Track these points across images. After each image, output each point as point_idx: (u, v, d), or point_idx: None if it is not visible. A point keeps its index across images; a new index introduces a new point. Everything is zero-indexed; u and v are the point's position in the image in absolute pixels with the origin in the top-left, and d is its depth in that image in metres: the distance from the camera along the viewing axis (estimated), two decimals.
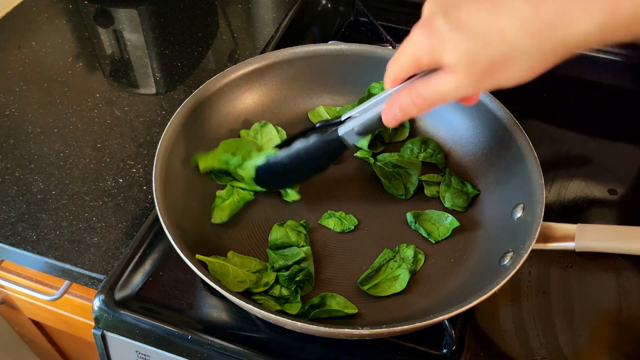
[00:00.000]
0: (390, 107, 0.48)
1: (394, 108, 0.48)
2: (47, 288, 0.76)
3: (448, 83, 0.42)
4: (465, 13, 0.39)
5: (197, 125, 0.64)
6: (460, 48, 0.40)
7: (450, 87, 0.42)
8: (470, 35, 0.39)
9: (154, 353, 0.56)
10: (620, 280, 0.59)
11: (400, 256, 0.58)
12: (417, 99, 0.45)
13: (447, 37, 0.40)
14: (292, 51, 0.69)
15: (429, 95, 0.44)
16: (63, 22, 0.90)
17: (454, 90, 0.43)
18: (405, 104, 0.46)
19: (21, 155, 0.71)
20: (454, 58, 0.40)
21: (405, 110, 0.47)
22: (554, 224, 0.54)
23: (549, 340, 0.55)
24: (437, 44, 0.41)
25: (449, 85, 0.42)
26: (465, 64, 0.40)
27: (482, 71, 0.40)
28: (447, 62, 0.41)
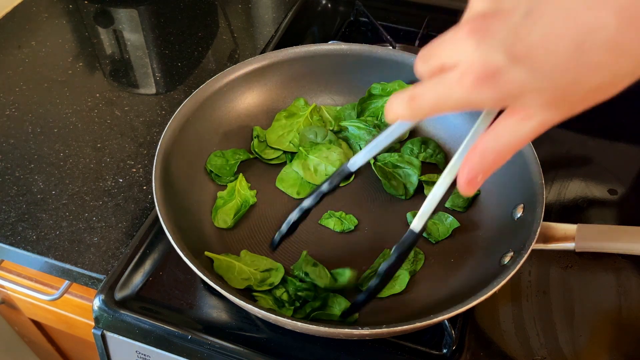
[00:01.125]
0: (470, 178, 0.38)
1: (476, 178, 0.38)
2: (47, 288, 0.76)
3: (531, 125, 0.33)
4: (539, 46, 0.29)
5: (197, 125, 0.63)
6: (546, 91, 0.30)
7: (534, 128, 0.33)
8: (555, 74, 0.29)
9: (154, 353, 0.56)
10: (620, 280, 0.59)
11: None
12: (497, 156, 0.37)
13: (523, 83, 0.30)
14: (292, 51, 0.69)
15: (509, 147, 0.36)
16: (63, 22, 0.90)
17: (540, 129, 0.33)
18: (486, 167, 0.38)
19: (21, 155, 0.71)
20: (539, 102, 0.31)
21: (488, 171, 0.38)
22: (554, 224, 0.54)
23: (549, 340, 0.55)
24: (508, 92, 0.31)
25: (533, 126, 0.33)
26: (554, 103, 0.31)
27: (575, 103, 0.32)
28: (527, 106, 0.32)
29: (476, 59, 0.31)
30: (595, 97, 0.31)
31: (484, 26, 0.31)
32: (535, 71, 0.30)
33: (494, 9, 0.31)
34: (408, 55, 0.68)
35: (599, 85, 0.30)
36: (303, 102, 0.70)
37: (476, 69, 0.31)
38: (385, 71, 0.69)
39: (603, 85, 0.30)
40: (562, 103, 0.31)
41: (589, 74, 0.29)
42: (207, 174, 0.64)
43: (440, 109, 0.35)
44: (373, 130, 0.67)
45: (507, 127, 0.34)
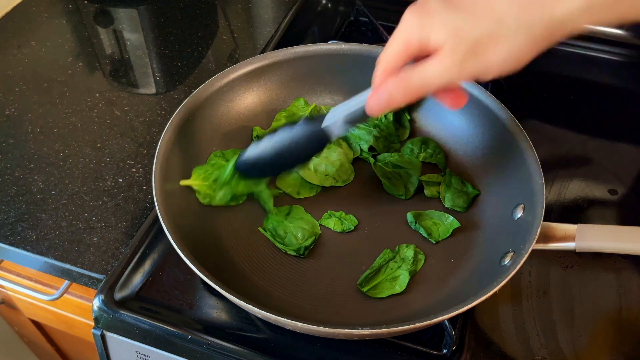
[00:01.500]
0: (375, 95, 0.46)
1: (381, 97, 0.46)
2: (47, 288, 0.76)
3: (434, 67, 0.42)
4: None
5: (197, 125, 0.63)
6: (449, 23, 0.40)
7: (436, 71, 0.42)
8: (459, 10, 0.39)
9: (153, 353, 0.56)
10: (620, 280, 0.59)
11: (400, 257, 0.58)
12: (403, 85, 0.44)
13: (437, 14, 0.40)
14: (292, 51, 0.69)
15: (415, 81, 0.43)
16: (63, 22, 0.90)
17: (439, 74, 0.42)
18: (391, 91, 0.45)
19: (21, 155, 0.71)
20: (442, 34, 0.40)
21: (393, 97, 0.45)
22: (554, 224, 0.54)
23: (549, 340, 0.55)
24: (427, 22, 0.41)
25: (435, 69, 0.42)
26: (452, 40, 0.40)
27: (468, 49, 0.40)
28: (434, 39, 0.41)
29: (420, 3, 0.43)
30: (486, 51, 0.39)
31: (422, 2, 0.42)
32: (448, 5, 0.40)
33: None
34: None
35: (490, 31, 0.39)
36: (303, 102, 0.70)
37: (413, 5, 0.43)
38: None
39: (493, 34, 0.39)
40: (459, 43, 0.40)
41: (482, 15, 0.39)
42: None
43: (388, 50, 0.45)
44: (373, 131, 0.67)
45: (422, 66, 0.42)
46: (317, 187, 0.64)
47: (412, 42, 0.42)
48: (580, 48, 0.86)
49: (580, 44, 0.86)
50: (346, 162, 0.65)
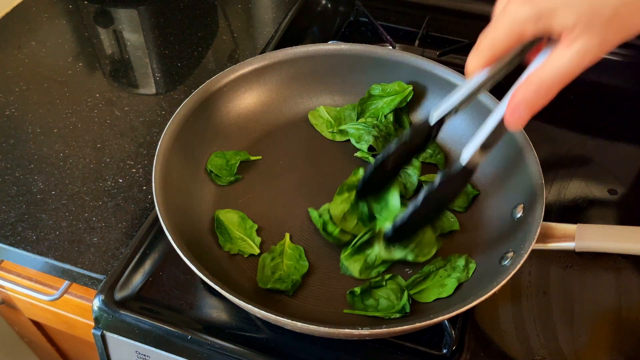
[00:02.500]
0: (514, 110, 0.41)
1: (519, 109, 0.41)
2: (47, 288, 0.76)
3: (570, 53, 0.37)
4: None
5: (197, 125, 0.63)
6: (575, 4, 0.35)
7: (575, 56, 0.37)
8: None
9: (154, 353, 0.56)
10: (620, 280, 0.59)
11: (452, 265, 0.57)
12: (542, 87, 0.39)
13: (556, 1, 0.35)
14: (292, 51, 0.69)
15: (554, 76, 0.38)
16: (63, 22, 0.90)
17: (580, 58, 0.37)
18: (530, 98, 0.40)
19: (21, 155, 0.71)
20: (571, 17, 0.35)
21: (532, 105, 0.40)
22: (554, 224, 0.54)
23: (549, 340, 0.55)
24: (544, 8, 0.36)
25: (573, 54, 0.37)
26: (585, 21, 0.35)
27: (607, 24, 0.35)
28: (561, 25, 0.36)
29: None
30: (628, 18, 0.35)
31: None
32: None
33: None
34: (408, 55, 0.68)
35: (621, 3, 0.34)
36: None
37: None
38: (385, 71, 0.69)
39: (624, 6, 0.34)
40: (594, 20, 0.35)
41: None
42: (207, 174, 0.64)
43: (495, 40, 0.40)
44: (373, 131, 0.67)
45: (552, 57, 0.38)
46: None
47: (528, 32, 0.38)
48: None
49: None
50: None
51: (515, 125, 0.42)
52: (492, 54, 0.41)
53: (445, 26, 0.88)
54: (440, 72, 0.67)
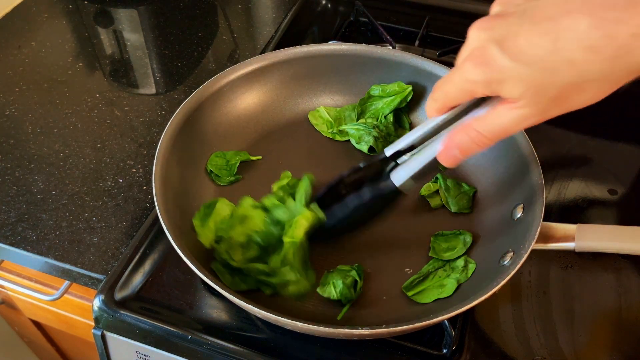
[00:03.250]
0: (447, 150, 0.45)
1: (453, 150, 0.45)
2: (47, 288, 0.76)
3: (510, 116, 0.39)
4: (524, 41, 0.36)
5: (197, 125, 0.63)
6: (524, 80, 0.36)
7: (514, 119, 0.39)
8: (533, 66, 0.36)
9: (154, 353, 0.56)
10: (620, 280, 0.59)
11: (450, 266, 0.57)
12: (477, 137, 0.42)
13: (506, 69, 0.37)
14: (292, 51, 0.69)
15: (491, 131, 0.41)
16: (63, 22, 0.90)
17: (517, 122, 0.39)
18: (464, 144, 0.43)
19: (21, 155, 0.71)
20: (517, 91, 0.37)
21: (466, 149, 0.44)
22: (554, 224, 0.54)
23: (549, 340, 0.55)
24: (495, 77, 0.37)
25: (512, 117, 0.39)
26: (530, 95, 0.37)
27: (550, 101, 0.37)
28: (509, 94, 0.38)
29: (476, 48, 0.38)
30: (570, 99, 0.38)
31: (488, 23, 0.38)
32: (518, 60, 0.36)
33: (502, 12, 0.39)
34: (408, 55, 0.68)
35: (571, 82, 0.36)
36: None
37: (473, 55, 0.38)
38: (385, 71, 0.69)
39: (575, 84, 0.36)
40: (539, 96, 0.37)
41: (562, 69, 0.35)
42: (207, 174, 0.64)
43: (448, 93, 0.43)
44: (373, 131, 0.67)
45: (494, 113, 0.40)
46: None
47: (477, 94, 0.40)
48: None
49: None
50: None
51: (449, 164, 0.46)
52: (444, 104, 0.44)
53: (445, 26, 0.88)
54: (440, 72, 0.67)
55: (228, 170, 0.64)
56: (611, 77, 0.36)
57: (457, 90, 0.41)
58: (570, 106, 0.39)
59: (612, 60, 0.34)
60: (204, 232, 0.57)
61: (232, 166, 0.65)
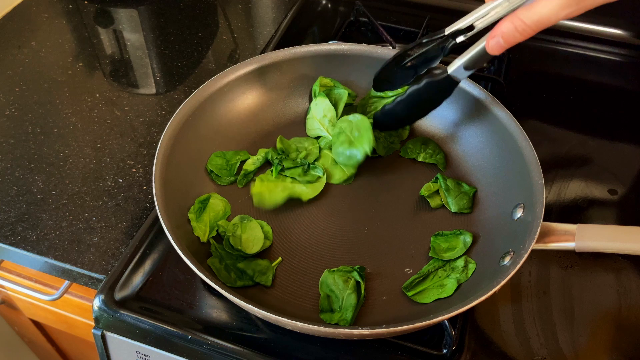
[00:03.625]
0: (493, 37, 0.50)
1: (497, 37, 0.49)
2: (47, 288, 0.76)
3: (551, 5, 0.44)
4: None
5: (197, 125, 0.63)
6: None
7: (553, 8, 0.44)
8: None
9: (154, 353, 0.56)
10: (620, 280, 0.59)
11: (450, 266, 0.57)
12: (520, 25, 0.47)
13: None
14: (292, 51, 0.69)
15: (532, 19, 0.46)
16: (63, 22, 0.90)
17: (556, 12, 0.44)
18: (508, 31, 0.48)
19: (21, 155, 0.71)
20: None
21: (509, 37, 0.48)
22: (554, 224, 0.54)
23: (549, 340, 0.55)
24: None
25: (552, 7, 0.44)
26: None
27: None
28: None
29: None
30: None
31: None
32: None
33: None
34: None
35: None
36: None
37: None
38: None
39: None
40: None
41: None
42: (207, 174, 0.64)
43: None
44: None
45: (539, 2, 0.45)
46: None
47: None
48: (580, 48, 0.86)
49: (580, 44, 0.86)
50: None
51: (493, 50, 0.51)
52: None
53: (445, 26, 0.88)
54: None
55: (228, 170, 0.64)
56: None
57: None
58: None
59: None
60: (200, 227, 0.58)
61: (232, 166, 0.65)
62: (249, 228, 0.59)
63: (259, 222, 0.60)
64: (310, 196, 0.63)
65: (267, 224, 0.61)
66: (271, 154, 0.65)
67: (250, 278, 0.56)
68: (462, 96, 0.65)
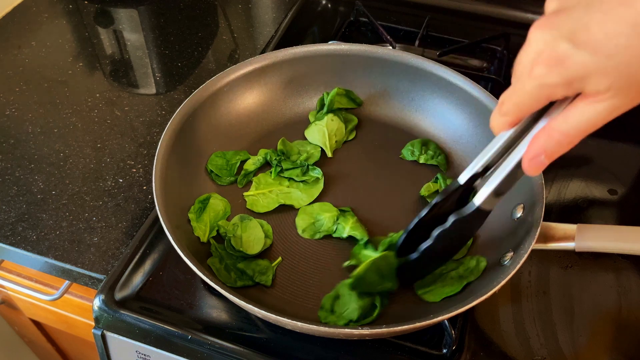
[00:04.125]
0: (533, 157, 0.41)
1: (539, 157, 0.40)
2: (47, 288, 0.76)
3: (597, 109, 0.36)
4: (599, 32, 0.33)
5: (197, 125, 0.64)
6: (610, 71, 0.34)
7: (602, 112, 0.37)
8: (617, 55, 0.33)
9: (154, 353, 0.56)
10: (620, 280, 0.59)
11: (464, 267, 0.56)
12: (562, 138, 0.39)
13: (588, 64, 0.34)
14: (292, 51, 0.69)
15: (577, 128, 0.38)
16: (63, 22, 0.90)
17: (607, 114, 0.37)
18: (550, 147, 0.40)
19: (21, 155, 0.71)
20: (604, 84, 0.34)
21: (552, 153, 0.40)
22: (554, 224, 0.54)
23: (549, 340, 0.55)
24: (576, 74, 0.34)
25: (600, 110, 0.37)
26: (620, 85, 0.34)
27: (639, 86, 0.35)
28: (595, 89, 0.35)
29: (544, 49, 0.35)
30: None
31: (550, 22, 0.35)
32: (597, 53, 0.33)
33: (560, 7, 0.35)
34: (408, 56, 0.68)
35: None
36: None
37: (544, 57, 0.35)
38: (385, 71, 0.69)
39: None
40: (628, 86, 0.34)
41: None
42: (207, 174, 0.64)
43: (520, 104, 0.39)
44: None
45: (577, 109, 0.37)
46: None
47: (557, 96, 0.37)
48: None
49: None
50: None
51: (534, 172, 0.41)
52: (517, 116, 0.40)
53: (445, 26, 0.88)
54: (440, 72, 0.67)
55: (228, 170, 0.64)
56: None
57: (531, 99, 0.38)
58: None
59: None
60: (200, 227, 0.59)
61: (232, 166, 0.65)
62: (249, 227, 0.59)
63: (259, 221, 0.60)
64: (304, 203, 0.62)
65: (267, 223, 0.61)
66: (270, 155, 0.65)
67: (250, 278, 0.56)
68: (462, 96, 0.65)
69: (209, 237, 0.59)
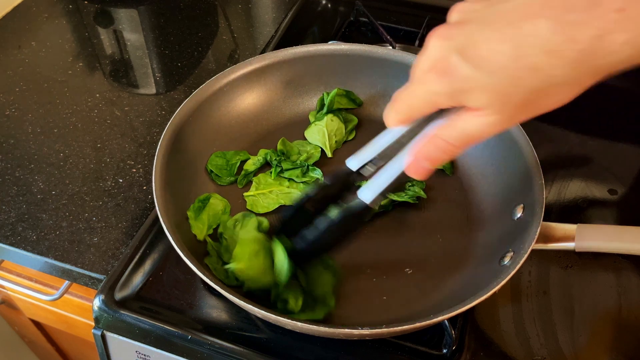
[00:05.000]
0: (417, 162, 0.43)
1: (422, 162, 0.42)
2: (47, 288, 0.76)
3: (477, 123, 0.38)
4: (486, 49, 0.34)
5: (197, 125, 0.64)
6: (489, 88, 0.35)
7: (481, 127, 0.38)
8: (497, 74, 0.35)
9: (154, 353, 0.56)
10: (620, 280, 0.59)
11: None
12: (445, 146, 0.40)
13: (470, 79, 0.35)
14: (292, 51, 0.69)
15: (458, 139, 0.40)
16: (63, 22, 0.90)
17: (485, 130, 0.38)
18: (432, 154, 0.42)
19: (21, 155, 0.71)
20: (482, 100, 0.36)
21: (435, 160, 0.42)
22: (554, 224, 0.54)
23: (549, 340, 0.55)
24: (458, 87, 0.36)
25: (479, 125, 0.38)
26: (496, 103, 0.36)
27: (516, 107, 0.36)
28: (475, 104, 0.37)
29: (438, 58, 0.37)
30: (536, 104, 0.36)
31: (448, 32, 0.37)
32: (481, 69, 0.35)
33: (460, 20, 0.38)
34: (408, 55, 0.68)
35: (536, 88, 0.35)
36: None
37: (436, 66, 0.37)
38: (385, 71, 0.69)
39: (540, 90, 0.35)
40: (505, 104, 0.36)
41: (526, 75, 0.34)
42: (207, 174, 0.64)
43: (411, 106, 0.41)
44: None
45: (461, 120, 0.39)
46: None
47: (441, 105, 0.39)
48: None
49: None
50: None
51: (419, 177, 0.44)
52: (408, 116, 0.42)
53: None
54: None
55: (228, 170, 0.64)
56: (576, 80, 0.35)
57: (421, 103, 0.40)
58: (537, 110, 0.37)
59: (576, 63, 0.33)
60: (197, 225, 0.59)
61: (232, 166, 0.65)
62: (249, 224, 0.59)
63: (259, 219, 0.60)
64: None
65: (267, 220, 0.60)
66: (270, 155, 0.65)
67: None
68: None
69: (205, 235, 0.59)
